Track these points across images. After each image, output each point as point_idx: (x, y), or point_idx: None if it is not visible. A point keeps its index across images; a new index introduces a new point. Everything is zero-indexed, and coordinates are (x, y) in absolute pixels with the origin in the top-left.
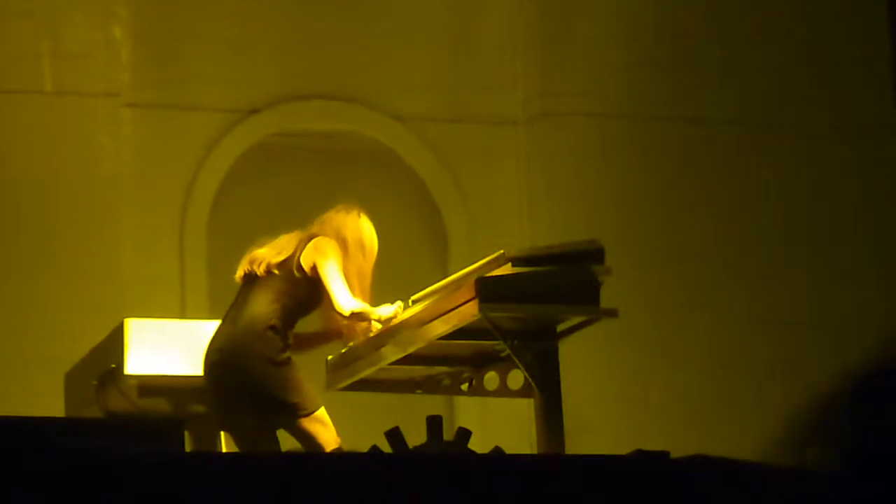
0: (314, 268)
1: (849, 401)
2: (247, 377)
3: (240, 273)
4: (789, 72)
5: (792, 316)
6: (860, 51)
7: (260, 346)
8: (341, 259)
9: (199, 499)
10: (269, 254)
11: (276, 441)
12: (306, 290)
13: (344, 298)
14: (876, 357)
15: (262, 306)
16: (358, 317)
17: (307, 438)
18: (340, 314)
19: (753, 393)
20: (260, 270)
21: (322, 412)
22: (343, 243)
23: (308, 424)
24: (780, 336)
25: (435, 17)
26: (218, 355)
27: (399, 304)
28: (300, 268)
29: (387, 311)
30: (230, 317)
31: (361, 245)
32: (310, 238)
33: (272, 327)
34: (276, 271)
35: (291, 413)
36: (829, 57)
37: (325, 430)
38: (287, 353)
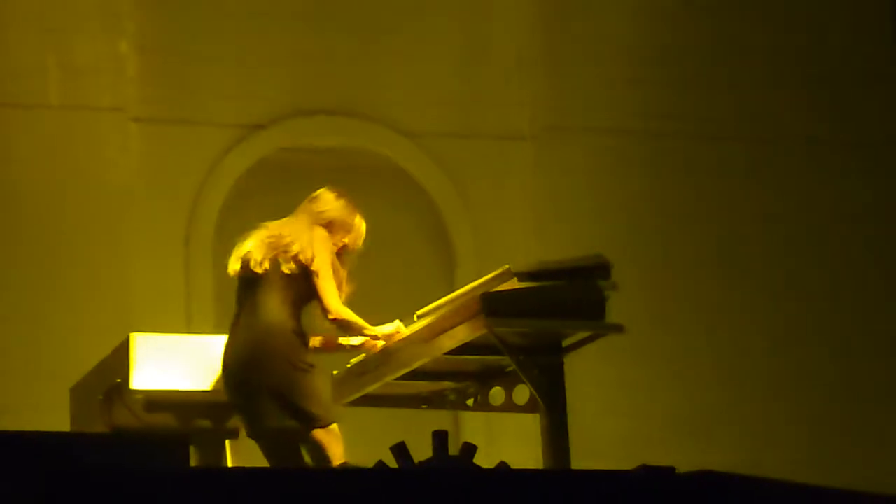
0: (312, 260)
1: None
2: (272, 384)
3: (234, 269)
4: (797, 88)
5: (799, 330)
6: (867, 66)
7: (286, 352)
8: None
9: None
10: (263, 251)
11: (300, 451)
12: (306, 284)
13: (334, 300)
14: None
15: (277, 309)
16: (341, 324)
17: (317, 449)
18: (326, 314)
19: (760, 407)
20: (259, 269)
21: (336, 425)
22: (328, 225)
23: (321, 435)
24: (786, 350)
25: (444, 33)
26: (242, 367)
27: (397, 322)
28: (300, 262)
29: (384, 329)
30: (244, 323)
31: (345, 228)
32: (301, 229)
33: (294, 331)
34: (276, 267)
35: (308, 422)
36: (836, 72)
37: (336, 443)
38: (310, 358)
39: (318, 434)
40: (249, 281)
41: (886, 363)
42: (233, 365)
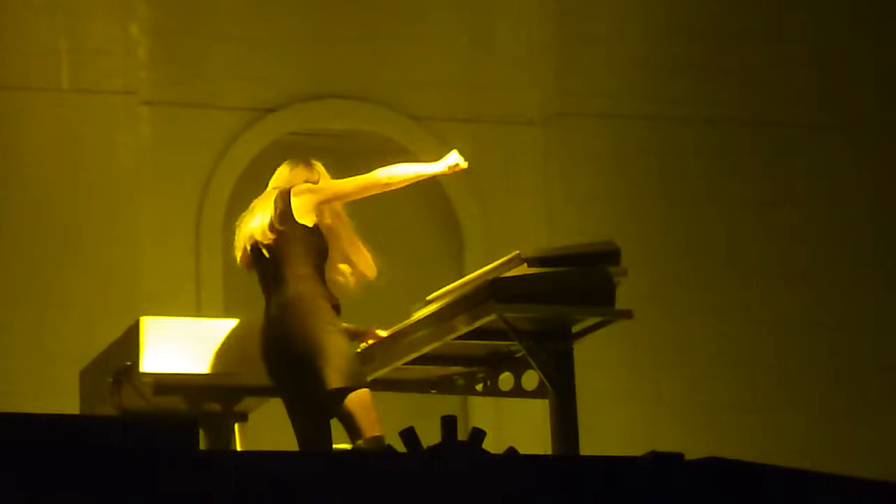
0: (314, 212)
1: None
2: (301, 354)
3: (242, 255)
4: (805, 72)
5: (806, 316)
6: (875, 51)
7: (313, 322)
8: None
9: (214, 496)
10: (260, 222)
11: (329, 436)
12: (318, 239)
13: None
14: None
15: (298, 280)
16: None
17: (346, 421)
18: (379, 183)
19: (768, 394)
20: (266, 239)
21: (364, 395)
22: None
23: (350, 405)
24: (794, 337)
25: (452, 16)
26: (276, 351)
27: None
28: (297, 222)
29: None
30: (273, 302)
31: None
32: (286, 192)
33: (322, 296)
34: (281, 231)
35: (330, 380)
36: (844, 57)
37: (363, 414)
38: (338, 321)
39: (348, 404)
40: (260, 259)
41: (894, 350)
42: (268, 351)
